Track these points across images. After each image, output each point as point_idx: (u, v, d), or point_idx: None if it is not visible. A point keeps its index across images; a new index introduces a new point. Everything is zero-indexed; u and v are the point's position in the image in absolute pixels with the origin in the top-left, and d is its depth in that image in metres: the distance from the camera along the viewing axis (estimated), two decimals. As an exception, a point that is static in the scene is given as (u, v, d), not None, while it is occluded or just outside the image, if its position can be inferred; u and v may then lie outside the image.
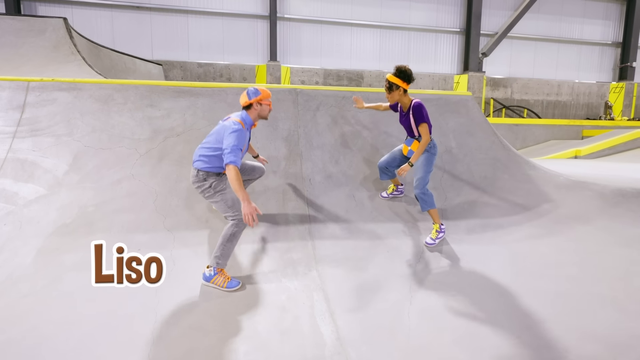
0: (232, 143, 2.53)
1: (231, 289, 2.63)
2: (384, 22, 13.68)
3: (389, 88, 3.20)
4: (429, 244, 3.33)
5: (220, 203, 2.70)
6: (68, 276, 2.73)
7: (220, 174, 2.74)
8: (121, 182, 3.58)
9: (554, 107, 15.50)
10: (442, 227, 3.40)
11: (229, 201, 2.69)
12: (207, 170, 2.69)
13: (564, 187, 4.33)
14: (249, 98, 2.77)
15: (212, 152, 2.67)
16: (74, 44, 5.92)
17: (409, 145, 3.40)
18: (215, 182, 2.69)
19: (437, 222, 3.38)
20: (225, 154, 2.52)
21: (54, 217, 3.24)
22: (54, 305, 2.45)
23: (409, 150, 3.38)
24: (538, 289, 2.78)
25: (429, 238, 3.37)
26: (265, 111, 2.84)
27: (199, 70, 12.53)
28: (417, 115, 3.22)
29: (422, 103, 3.27)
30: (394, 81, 3.17)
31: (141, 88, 4.22)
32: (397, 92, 3.21)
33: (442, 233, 3.38)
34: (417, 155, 3.22)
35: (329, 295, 2.70)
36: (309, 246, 3.26)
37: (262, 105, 2.81)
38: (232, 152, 2.51)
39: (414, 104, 3.23)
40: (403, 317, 2.50)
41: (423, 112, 3.21)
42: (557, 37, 15.27)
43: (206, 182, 2.69)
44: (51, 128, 3.83)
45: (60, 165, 3.60)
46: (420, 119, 3.21)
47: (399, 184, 3.92)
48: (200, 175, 2.70)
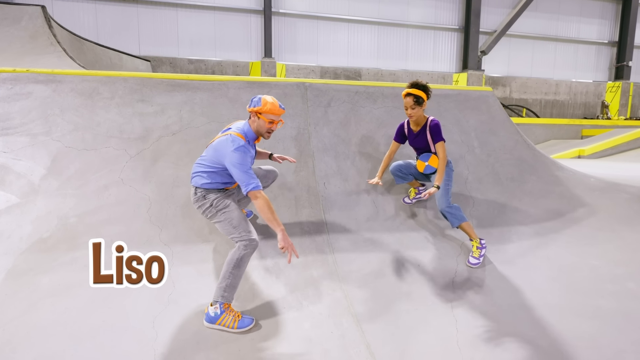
0: (240, 171, 2.15)
1: (243, 329, 2.15)
2: (381, 19, 13.33)
3: (417, 102, 2.89)
4: (472, 264, 2.89)
5: (224, 223, 2.28)
6: (45, 304, 2.25)
7: (223, 189, 2.36)
8: (108, 188, 3.09)
9: (552, 106, 15.40)
10: (482, 242, 2.99)
11: (234, 220, 2.27)
12: (206, 188, 2.33)
13: (597, 190, 4.01)
14: (249, 106, 2.33)
15: (211, 169, 2.33)
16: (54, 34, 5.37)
17: (425, 160, 3.06)
18: (216, 200, 2.31)
19: (474, 238, 2.97)
20: (242, 185, 2.15)
21: (28, 230, 2.74)
22: (25, 345, 1.96)
23: (426, 165, 3.05)
24: (596, 309, 2.41)
25: (472, 257, 2.94)
26: (262, 128, 2.32)
27: (190, 66, 11.98)
28: (436, 134, 2.95)
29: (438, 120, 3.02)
30: (421, 95, 2.87)
31: (130, 81, 3.72)
32: (422, 108, 2.92)
33: (484, 249, 2.96)
34: (441, 176, 2.88)
35: (361, 321, 2.28)
36: (330, 261, 2.84)
37: (259, 120, 2.31)
38: (247, 178, 2.15)
39: (433, 122, 2.98)
40: (452, 349, 2.09)
41: (440, 130, 2.97)
42: (554, 36, 15.17)
43: (206, 201, 2.31)
44: (25, 126, 3.31)
45: (37, 169, 3.10)
46: (440, 137, 2.95)
47: (420, 185, 3.55)
48: (199, 194, 2.34)
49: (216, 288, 2.18)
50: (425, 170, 3.07)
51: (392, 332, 2.22)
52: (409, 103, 2.90)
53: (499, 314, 2.37)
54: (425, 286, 2.64)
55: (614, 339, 2.14)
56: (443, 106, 4.42)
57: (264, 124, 2.31)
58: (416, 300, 2.50)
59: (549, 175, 4.17)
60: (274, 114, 2.29)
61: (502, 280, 2.73)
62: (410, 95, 2.88)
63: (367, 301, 2.46)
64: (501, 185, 3.96)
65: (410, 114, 2.93)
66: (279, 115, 2.33)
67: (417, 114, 2.93)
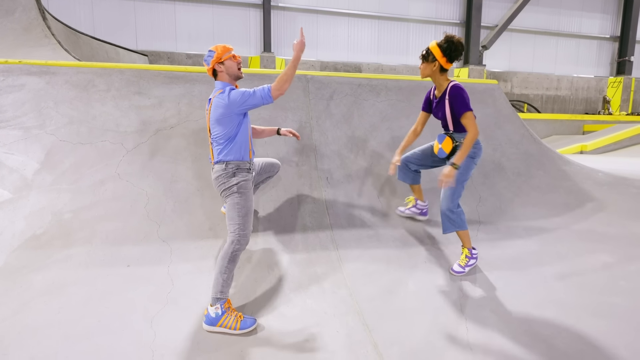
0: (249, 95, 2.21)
1: (246, 329, 2.05)
2: (382, 13, 13.18)
3: (425, 56, 2.53)
4: (456, 272, 2.61)
5: (235, 207, 2.21)
6: (39, 303, 2.15)
7: (250, 163, 2.34)
8: (105, 183, 2.99)
9: (554, 101, 15.29)
10: (473, 252, 2.67)
11: (243, 209, 2.22)
12: (237, 161, 2.27)
13: (606, 184, 3.92)
14: (208, 64, 2.31)
15: (228, 142, 2.27)
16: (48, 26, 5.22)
17: (440, 142, 2.62)
18: (244, 181, 2.27)
19: (467, 245, 2.65)
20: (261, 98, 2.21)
21: (21, 227, 2.64)
22: (17, 346, 1.87)
23: (440, 149, 2.61)
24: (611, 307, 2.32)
25: (457, 265, 2.64)
26: (232, 68, 2.31)
27: (188, 61, 11.82)
28: (457, 102, 2.46)
29: (462, 86, 2.53)
30: (433, 51, 2.49)
31: (127, 73, 3.61)
32: (431, 67, 2.51)
33: (473, 259, 2.66)
34: (463, 155, 2.40)
35: (368, 320, 2.20)
36: (334, 257, 2.74)
37: (225, 63, 2.29)
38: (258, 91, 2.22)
39: (453, 86, 2.50)
40: (463, 348, 2.01)
41: (465, 97, 2.46)
42: (556, 31, 15.04)
43: (234, 178, 2.24)
44: (18, 119, 3.20)
45: (30, 163, 2.99)
46: (463, 107, 2.44)
47: (422, 199, 3.10)
48: (229, 169, 2.25)
49: (213, 284, 2.09)
50: (439, 154, 2.66)
51: (400, 331, 2.13)
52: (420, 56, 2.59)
53: (510, 312, 2.29)
54: (432, 284, 2.56)
55: (632, 339, 2.05)
56: (448, 99, 4.31)
57: (232, 64, 2.30)
58: (423, 298, 2.41)
59: (556, 170, 4.08)
60: (229, 50, 2.30)
61: (512, 277, 2.64)
62: (425, 48, 2.57)
63: (373, 299, 2.37)
64: (508, 180, 3.87)
65: (420, 67, 2.61)
66: (232, 49, 2.33)
67: (425, 72, 2.57)
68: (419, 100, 4.20)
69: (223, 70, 2.29)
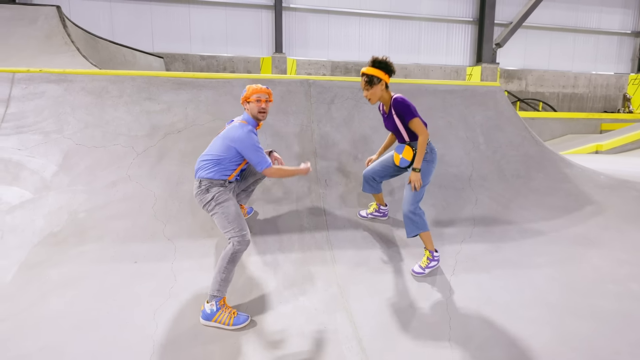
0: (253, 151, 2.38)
1: (238, 326, 2.20)
2: (393, 12, 13.15)
3: (369, 82, 2.58)
4: (416, 272, 2.70)
5: (220, 217, 2.33)
6: (54, 295, 2.37)
7: (225, 181, 2.42)
8: (116, 184, 3.21)
9: (570, 99, 14.94)
10: (435, 254, 2.75)
11: (230, 215, 2.32)
12: (210, 179, 2.38)
13: (607, 187, 3.92)
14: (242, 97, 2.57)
15: (216, 158, 2.42)
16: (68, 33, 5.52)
17: (400, 152, 2.74)
18: (218, 194, 2.37)
19: (429, 248, 2.73)
20: (257, 165, 2.39)
21: (40, 224, 2.88)
22: (33, 335, 2.08)
23: (401, 159, 2.73)
24: (596, 309, 2.38)
25: (418, 266, 2.73)
26: (254, 110, 2.49)
27: (202, 63, 12.10)
28: (402, 111, 2.60)
29: (403, 96, 2.66)
30: (373, 73, 2.55)
31: (138, 80, 3.82)
32: (379, 87, 2.60)
33: (434, 261, 2.73)
34: (420, 158, 2.60)
35: (355, 317, 2.32)
36: (328, 257, 2.88)
37: (250, 104, 2.50)
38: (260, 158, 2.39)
39: (396, 99, 2.63)
40: (443, 345, 2.11)
41: (409, 106, 2.60)
42: (573, 27, 14.67)
43: (209, 194, 2.36)
44: (39, 124, 3.45)
45: (49, 165, 3.23)
46: (408, 115, 2.59)
47: (383, 204, 3.28)
48: (203, 186, 2.39)
49: (212, 282, 2.24)
50: (401, 164, 2.77)
51: (385, 328, 2.25)
52: (362, 84, 2.62)
53: (494, 312, 2.37)
54: (421, 284, 2.66)
55: (610, 340, 2.11)
56: (448, 102, 4.37)
57: (254, 107, 2.49)
58: (411, 298, 2.51)
59: (557, 172, 4.09)
60: (258, 92, 2.48)
61: (500, 279, 2.72)
62: (363, 75, 2.60)
63: (362, 298, 2.49)
64: (506, 182, 3.91)
65: (365, 95, 2.65)
66: (264, 92, 2.50)
67: (373, 95, 2.62)
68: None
69: (247, 108, 2.53)
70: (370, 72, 2.58)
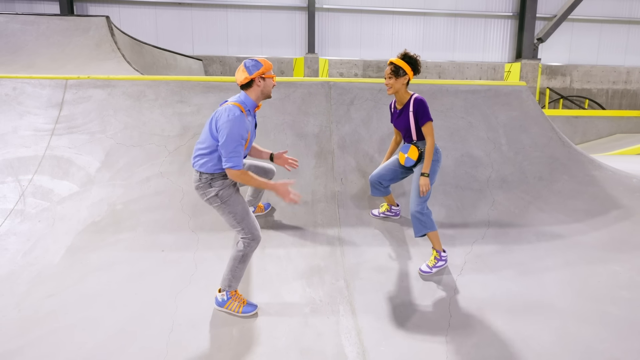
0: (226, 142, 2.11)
1: (247, 314, 2.37)
2: (427, 9, 12.92)
3: (395, 72, 2.66)
4: (423, 272, 2.77)
5: (228, 216, 2.30)
6: (92, 277, 2.70)
7: (224, 176, 2.30)
8: (150, 179, 3.54)
9: (622, 96, 13.90)
10: (442, 254, 2.81)
11: (237, 215, 2.29)
12: (211, 172, 2.26)
13: (639, 191, 3.73)
14: (250, 73, 2.22)
15: (210, 148, 2.23)
16: (115, 41, 6.07)
17: (405, 152, 2.82)
18: (222, 190, 2.27)
19: (437, 247, 2.80)
20: (223, 158, 2.15)
21: (84, 214, 3.26)
22: (75, 308, 2.41)
23: (406, 158, 2.81)
24: (604, 315, 2.34)
25: (425, 265, 2.80)
26: (269, 87, 2.31)
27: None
28: (421, 112, 2.69)
29: (423, 97, 2.76)
30: (401, 65, 2.65)
31: (172, 84, 4.17)
32: (402, 80, 2.69)
33: (442, 261, 2.80)
34: (428, 163, 2.69)
35: (357, 309, 2.45)
36: (338, 253, 3.02)
37: (266, 80, 2.28)
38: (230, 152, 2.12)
39: (417, 99, 2.72)
40: (439, 340, 2.19)
41: (427, 108, 2.71)
42: (627, 18, 13.61)
43: (212, 189, 2.27)
44: (86, 125, 3.88)
45: (93, 162, 3.63)
46: (425, 117, 2.69)
47: (394, 204, 3.38)
48: (203, 179, 2.27)
49: (223, 278, 2.39)
50: (406, 163, 2.85)
51: (385, 321, 2.35)
52: (387, 72, 2.71)
53: (496, 313, 2.40)
54: (427, 282, 2.72)
55: (610, 346, 2.09)
56: (470, 102, 4.34)
57: (270, 83, 2.31)
58: (415, 295, 2.60)
59: (583, 175, 3.95)
60: (272, 68, 2.32)
61: (508, 280, 2.72)
62: (391, 64, 2.70)
63: (366, 292, 2.61)
64: (527, 184, 3.84)
65: (386, 83, 2.73)
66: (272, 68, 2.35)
67: (394, 86, 2.71)
68: (438, 104, 4.30)
69: (261, 85, 2.27)
70: (398, 63, 2.67)
